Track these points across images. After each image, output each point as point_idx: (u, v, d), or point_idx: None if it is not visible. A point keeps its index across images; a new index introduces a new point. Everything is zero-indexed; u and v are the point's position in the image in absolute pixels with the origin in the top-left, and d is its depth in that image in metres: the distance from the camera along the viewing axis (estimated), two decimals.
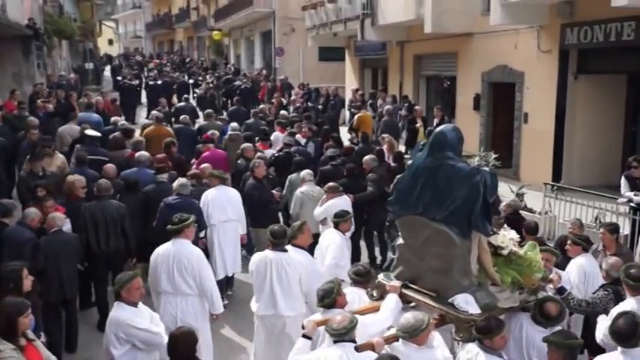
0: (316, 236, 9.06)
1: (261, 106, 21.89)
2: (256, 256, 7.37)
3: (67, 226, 8.45)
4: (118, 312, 6.01)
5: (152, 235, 8.87)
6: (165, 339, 6.00)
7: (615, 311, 6.08)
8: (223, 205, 9.93)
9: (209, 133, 14.10)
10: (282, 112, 19.70)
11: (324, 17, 25.80)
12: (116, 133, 13.52)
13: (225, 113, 20.61)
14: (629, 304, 6.06)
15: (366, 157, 11.77)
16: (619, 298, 6.41)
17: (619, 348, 5.16)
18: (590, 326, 6.71)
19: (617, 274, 6.43)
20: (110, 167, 10.52)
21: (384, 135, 14.39)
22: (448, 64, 20.12)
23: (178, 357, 5.30)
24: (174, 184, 9.59)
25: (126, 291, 6.02)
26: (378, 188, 10.93)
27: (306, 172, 10.98)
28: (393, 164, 12.23)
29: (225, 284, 10.14)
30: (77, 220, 8.82)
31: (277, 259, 7.11)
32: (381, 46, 23.77)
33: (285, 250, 7.20)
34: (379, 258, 11.40)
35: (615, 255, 7.88)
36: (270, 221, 9.84)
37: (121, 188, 10.00)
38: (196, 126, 16.72)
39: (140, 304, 6.20)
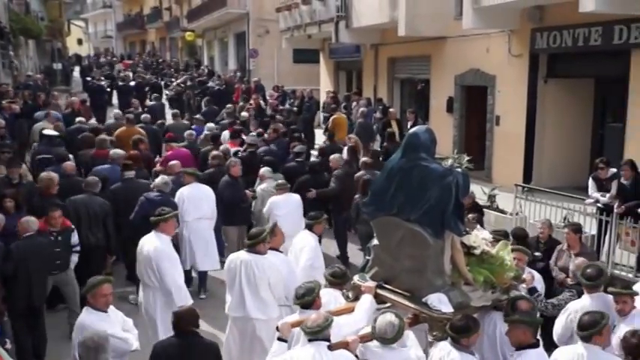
0: None
1: (240, 104, 22.16)
2: (231, 256, 7.40)
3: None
4: (85, 318, 5.99)
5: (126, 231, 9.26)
6: (134, 345, 6.16)
7: (571, 307, 6.33)
8: (198, 202, 10.08)
9: (186, 133, 14.33)
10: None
11: (299, 19, 25.83)
12: (85, 133, 13.75)
13: (199, 114, 20.58)
14: (583, 301, 6.33)
15: (334, 155, 12.20)
16: None
17: (579, 341, 5.43)
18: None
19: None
20: (69, 165, 10.83)
21: (350, 135, 14.86)
22: (422, 67, 20.27)
23: (182, 331, 5.68)
24: (157, 181, 9.80)
25: (91, 296, 6.04)
26: (341, 184, 11.22)
27: (265, 170, 11.35)
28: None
29: (199, 283, 10.29)
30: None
31: (248, 260, 7.09)
32: (356, 48, 23.88)
33: (260, 253, 7.14)
34: (337, 253, 11.66)
35: (579, 254, 8.14)
36: (241, 220, 10.58)
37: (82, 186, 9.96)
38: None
39: (112, 308, 6.19)
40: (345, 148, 13.87)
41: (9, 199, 8.73)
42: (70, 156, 12.30)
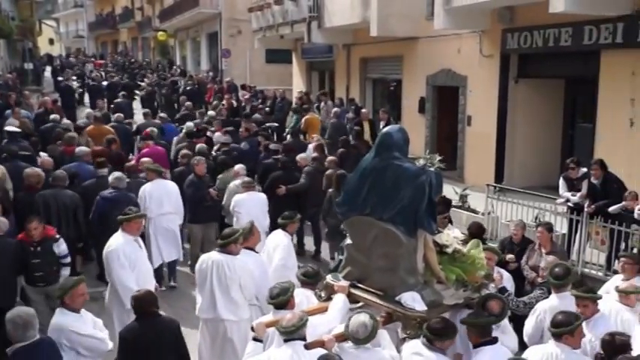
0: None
1: (214, 102, 22.26)
2: (203, 257, 7.36)
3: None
4: (60, 318, 5.93)
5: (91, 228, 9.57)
6: (110, 345, 6.18)
7: (540, 307, 6.39)
8: (160, 198, 10.28)
9: (149, 129, 14.60)
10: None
11: (271, 19, 25.78)
12: (58, 129, 14.09)
13: (160, 112, 20.99)
14: (551, 301, 6.42)
15: (301, 155, 12.89)
16: None
17: (551, 340, 5.50)
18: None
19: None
20: (46, 160, 11.05)
21: (313, 135, 15.34)
22: (394, 67, 20.36)
23: (143, 313, 5.90)
24: (110, 178, 9.92)
25: (69, 297, 5.98)
26: (311, 180, 11.66)
27: (239, 167, 11.59)
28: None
29: (169, 273, 10.61)
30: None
31: (219, 260, 7.04)
32: (328, 48, 23.90)
33: (232, 253, 7.10)
34: (314, 248, 12.02)
35: (550, 253, 8.22)
36: (205, 218, 10.83)
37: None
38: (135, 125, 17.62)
39: (83, 310, 6.15)
40: (311, 146, 14.14)
41: None
42: (43, 153, 12.29)
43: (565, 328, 5.38)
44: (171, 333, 6.05)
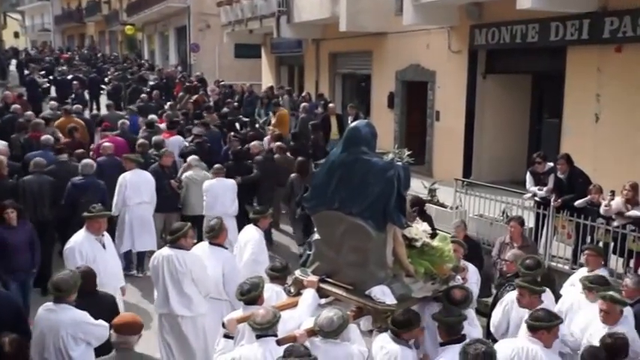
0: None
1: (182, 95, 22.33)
2: (155, 253, 7.38)
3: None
4: (68, 313, 5.83)
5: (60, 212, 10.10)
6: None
7: (507, 298, 6.48)
8: (139, 188, 10.71)
9: (119, 122, 15.06)
10: None
11: (240, 14, 25.67)
12: (20, 119, 14.57)
13: (126, 105, 21.66)
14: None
15: (254, 142, 13.33)
16: None
17: (525, 334, 5.52)
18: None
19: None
20: (2, 149, 11.49)
21: (269, 127, 16.00)
22: (363, 62, 20.37)
23: (81, 291, 5.98)
24: (80, 165, 10.50)
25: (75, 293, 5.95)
26: (262, 170, 12.29)
27: (192, 158, 12.00)
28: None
29: (137, 263, 11.00)
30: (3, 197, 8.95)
31: (169, 255, 7.04)
32: (297, 43, 23.87)
33: (183, 247, 7.09)
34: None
35: (522, 247, 8.32)
36: (165, 207, 11.41)
37: (17, 169, 10.85)
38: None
39: None
40: (266, 138, 14.64)
41: None
42: (4, 142, 12.39)
43: (543, 324, 5.36)
44: (107, 309, 6.20)
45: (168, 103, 19.58)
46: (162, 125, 15.66)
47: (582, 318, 6.29)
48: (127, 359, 5.13)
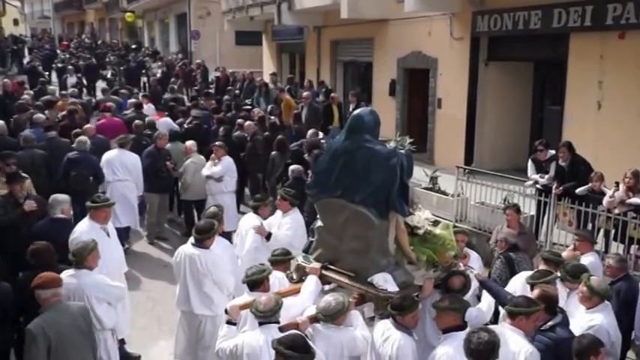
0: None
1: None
2: (178, 249, 7.35)
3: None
4: (91, 277, 6.42)
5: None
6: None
7: (519, 278, 6.52)
8: (117, 165, 11.24)
9: (108, 104, 15.86)
10: None
11: (241, 0, 25.55)
12: (21, 101, 15.62)
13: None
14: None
15: (249, 122, 13.86)
16: (511, 264, 7.31)
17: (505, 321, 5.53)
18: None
19: (513, 240, 7.48)
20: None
21: (254, 110, 16.43)
22: (364, 49, 20.30)
23: (41, 265, 6.24)
24: (76, 142, 11.20)
25: (91, 257, 6.47)
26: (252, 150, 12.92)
27: (191, 143, 12.37)
28: None
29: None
30: None
31: (192, 255, 7.03)
32: (298, 30, 23.75)
33: (206, 247, 7.06)
34: None
35: (519, 234, 8.37)
36: (159, 188, 12.02)
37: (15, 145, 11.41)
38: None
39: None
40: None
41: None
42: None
43: (522, 309, 5.30)
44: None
45: (170, 86, 20.48)
46: (147, 106, 17.12)
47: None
48: (59, 309, 5.69)
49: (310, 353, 4.59)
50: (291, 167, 11.10)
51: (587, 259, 7.26)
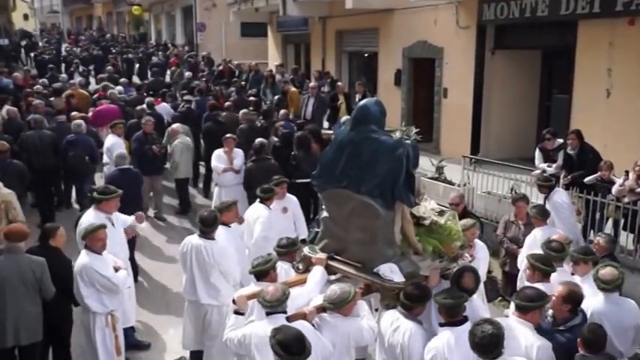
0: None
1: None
2: (185, 240, 7.39)
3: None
4: (83, 258, 6.66)
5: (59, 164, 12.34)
6: (126, 284, 7.13)
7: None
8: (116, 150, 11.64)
9: (109, 92, 17.09)
10: None
11: None
12: (27, 89, 17.86)
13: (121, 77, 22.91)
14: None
15: (244, 110, 14.16)
16: None
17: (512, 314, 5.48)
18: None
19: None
20: (12, 110, 14.22)
21: (251, 98, 16.55)
22: (370, 39, 20.22)
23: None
24: (72, 125, 12.64)
25: (89, 239, 6.69)
26: (246, 138, 12.72)
27: (178, 125, 13.53)
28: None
29: None
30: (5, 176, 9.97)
31: (198, 245, 7.07)
32: (303, 21, 23.67)
33: (212, 238, 7.11)
34: None
35: (527, 224, 8.37)
36: (149, 170, 12.35)
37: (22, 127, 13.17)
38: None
39: (105, 253, 6.78)
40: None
41: None
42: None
43: (536, 304, 5.25)
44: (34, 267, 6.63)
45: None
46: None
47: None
48: (17, 260, 6.47)
49: (303, 354, 4.51)
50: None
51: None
